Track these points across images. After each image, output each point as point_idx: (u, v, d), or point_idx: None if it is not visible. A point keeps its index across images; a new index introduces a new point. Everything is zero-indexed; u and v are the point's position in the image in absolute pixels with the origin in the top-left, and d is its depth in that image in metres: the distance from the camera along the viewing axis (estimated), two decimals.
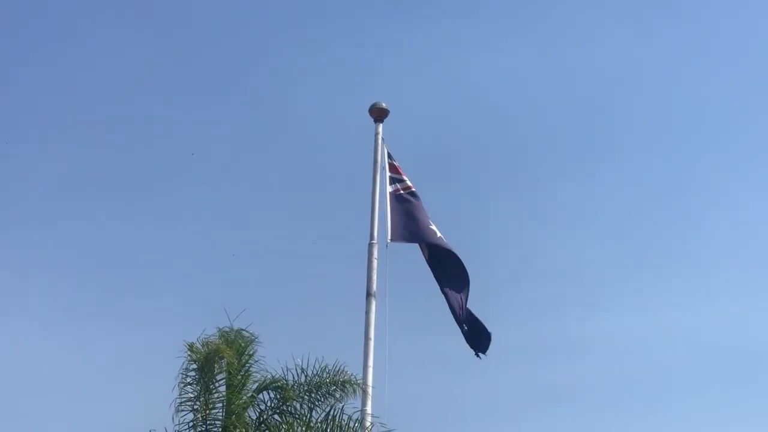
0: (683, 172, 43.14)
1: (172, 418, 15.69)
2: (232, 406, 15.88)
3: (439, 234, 19.20)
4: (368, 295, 18.54)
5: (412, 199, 19.37)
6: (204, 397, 15.79)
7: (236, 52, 43.74)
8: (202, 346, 15.89)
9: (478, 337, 19.00)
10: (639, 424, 33.66)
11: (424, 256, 19.27)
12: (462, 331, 18.93)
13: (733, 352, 36.42)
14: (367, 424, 16.74)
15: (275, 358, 16.38)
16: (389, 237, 18.82)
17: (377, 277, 18.67)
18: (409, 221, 19.18)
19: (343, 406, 16.11)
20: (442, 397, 31.15)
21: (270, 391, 16.19)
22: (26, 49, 42.62)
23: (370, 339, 18.20)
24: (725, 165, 43.15)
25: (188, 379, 15.91)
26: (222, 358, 15.74)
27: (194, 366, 15.90)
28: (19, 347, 33.69)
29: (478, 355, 18.93)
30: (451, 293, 18.99)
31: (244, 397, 16.06)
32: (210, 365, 15.71)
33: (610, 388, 34.99)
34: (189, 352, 15.94)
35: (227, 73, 43.18)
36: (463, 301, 18.97)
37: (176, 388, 15.77)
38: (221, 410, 16.01)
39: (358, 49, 44.78)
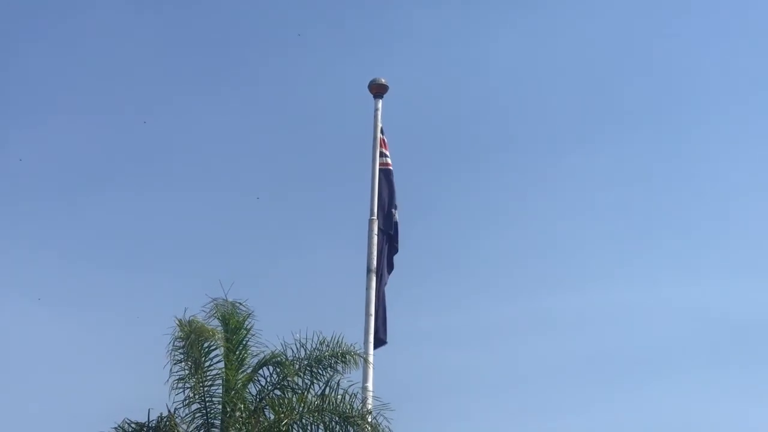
0: (680, 144, 43.05)
1: (168, 396, 15.67)
2: (230, 383, 15.83)
3: (395, 219, 19.21)
4: (369, 270, 18.50)
5: (389, 177, 19.38)
6: (197, 374, 15.70)
7: (236, 27, 43.59)
8: (188, 324, 15.79)
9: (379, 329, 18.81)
10: (637, 398, 33.73)
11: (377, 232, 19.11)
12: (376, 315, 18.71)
13: (734, 326, 36.40)
14: (369, 399, 16.72)
15: (274, 333, 16.38)
16: (376, 215, 18.88)
17: (377, 252, 18.68)
18: (381, 202, 19.18)
19: (339, 380, 16.08)
20: (442, 372, 31.19)
21: (270, 366, 16.17)
22: (31, 31, 42.53)
23: (371, 315, 18.17)
24: (723, 136, 43.03)
25: (179, 357, 15.86)
26: (203, 339, 15.64)
27: (181, 344, 15.81)
28: (21, 325, 33.75)
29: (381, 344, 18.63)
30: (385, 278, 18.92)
31: (243, 374, 16.01)
32: (196, 343, 15.61)
33: (609, 363, 35.03)
34: (178, 329, 15.87)
35: (227, 47, 43.07)
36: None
37: (169, 365, 15.74)
38: (221, 386, 15.95)
39: (359, 24, 44.62)
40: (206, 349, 15.74)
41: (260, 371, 16.12)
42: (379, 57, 41.47)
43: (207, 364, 15.78)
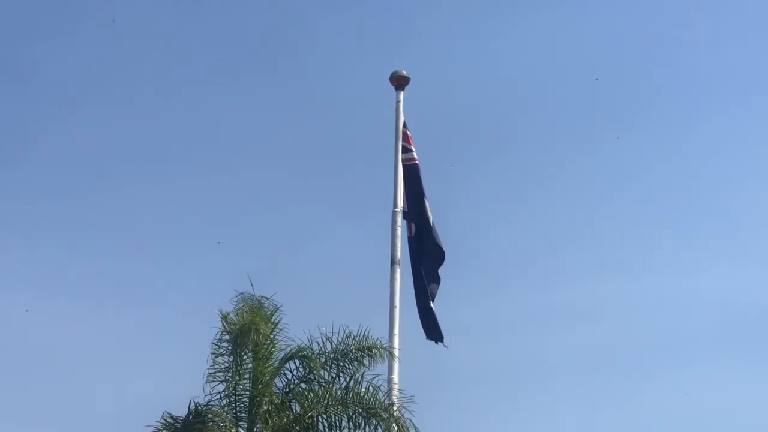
0: (708, 131, 42.87)
1: (203, 388, 15.74)
2: (258, 376, 15.89)
3: (430, 216, 19.22)
4: (393, 262, 18.49)
5: (416, 171, 19.40)
6: (237, 367, 15.81)
7: (258, 19, 43.65)
8: (236, 315, 15.93)
9: (432, 326, 18.82)
10: (667, 386, 33.64)
11: (408, 232, 19.17)
12: (420, 310, 18.75)
13: (763, 315, 36.21)
14: (395, 393, 16.72)
15: (300, 327, 16.43)
16: (401, 205, 18.91)
17: (401, 244, 18.70)
18: (409, 195, 19.19)
19: (363, 373, 16.10)
20: (470, 364, 31.17)
21: (296, 360, 16.21)
22: (49, 27, 42.71)
23: (396, 307, 18.17)
24: (752, 122, 42.83)
25: (220, 350, 15.96)
26: (256, 329, 15.77)
27: (227, 337, 15.92)
28: (56, 322, 33.96)
29: (437, 342, 18.71)
30: (426, 273, 18.91)
31: (271, 367, 16.07)
32: (244, 337, 15.72)
33: (636, 352, 34.96)
34: (223, 323, 15.97)
35: (248, 40, 43.14)
36: (434, 289, 18.90)
37: (206, 358, 15.86)
38: (249, 380, 16.01)
39: (381, 15, 44.58)
40: (250, 342, 15.85)
41: (286, 365, 16.18)
42: (401, 49, 41.44)
43: (245, 357, 15.88)
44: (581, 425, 31.17)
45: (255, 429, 15.77)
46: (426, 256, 19.12)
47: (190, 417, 15.39)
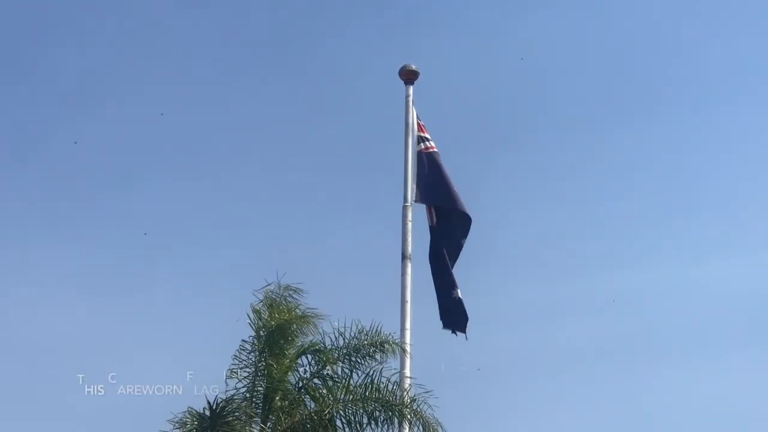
0: (722, 120, 42.74)
1: (225, 383, 15.84)
2: (273, 372, 15.94)
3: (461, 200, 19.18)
4: (404, 257, 18.50)
5: (436, 158, 19.38)
6: (263, 362, 15.87)
7: (270, 16, 43.66)
8: (268, 313, 16.00)
9: (456, 316, 18.82)
10: (677, 378, 33.59)
11: (429, 221, 19.16)
12: (440, 302, 18.74)
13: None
14: (406, 385, 16.75)
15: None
16: (414, 198, 18.89)
17: (412, 238, 18.73)
18: (431, 181, 19.16)
19: (382, 368, 16.14)
20: (482, 355, 31.12)
21: (308, 355, 16.26)
22: (74, 24, 42.82)
23: (407, 301, 18.16)
24: (758, 112, 42.72)
25: (248, 346, 16.06)
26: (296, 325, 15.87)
27: (260, 333, 16.04)
28: (70, 318, 34.02)
29: (455, 333, 18.63)
30: (446, 262, 18.90)
31: (284, 363, 16.11)
32: (278, 333, 15.79)
33: (647, 343, 34.87)
34: (257, 319, 16.08)
35: (261, 37, 43.12)
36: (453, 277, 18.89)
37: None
38: (264, 376, 16.06)
39: (391, 10, 44.53)
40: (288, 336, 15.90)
41: (298, 360, 16.24)
42: (409, 47, 41.38)
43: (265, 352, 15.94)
44: (591, 417, 31.17)
45: (268, 425, 15.81)
46: (450, 237, 19.07)
47: (214, 412, 15.43)
